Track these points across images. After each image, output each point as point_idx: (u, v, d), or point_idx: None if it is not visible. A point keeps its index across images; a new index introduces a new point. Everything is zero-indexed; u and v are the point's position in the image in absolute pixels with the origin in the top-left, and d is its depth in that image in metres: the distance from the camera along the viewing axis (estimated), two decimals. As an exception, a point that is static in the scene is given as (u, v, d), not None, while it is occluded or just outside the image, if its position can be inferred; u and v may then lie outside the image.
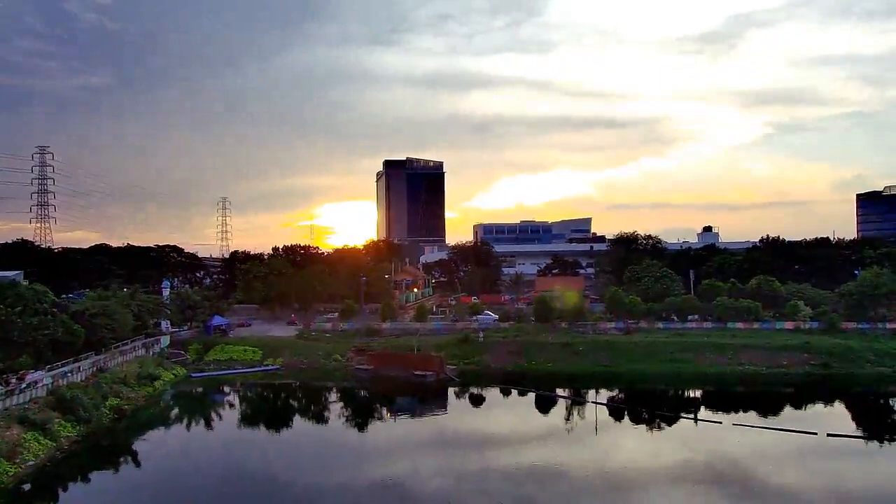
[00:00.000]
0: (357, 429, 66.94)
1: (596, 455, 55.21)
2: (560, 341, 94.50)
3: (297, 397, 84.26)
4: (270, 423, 69.83)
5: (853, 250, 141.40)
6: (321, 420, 72.32)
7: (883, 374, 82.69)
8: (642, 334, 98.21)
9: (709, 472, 49.82)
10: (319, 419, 72.92)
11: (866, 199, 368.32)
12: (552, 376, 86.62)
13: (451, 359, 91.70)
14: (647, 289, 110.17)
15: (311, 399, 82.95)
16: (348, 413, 73.67)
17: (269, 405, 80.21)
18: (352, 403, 78.76)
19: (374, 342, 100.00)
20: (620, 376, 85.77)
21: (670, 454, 54.76)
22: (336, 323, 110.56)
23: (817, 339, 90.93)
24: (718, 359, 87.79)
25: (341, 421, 70.34)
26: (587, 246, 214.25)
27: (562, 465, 51.63)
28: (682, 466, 51.25)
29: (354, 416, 71.67)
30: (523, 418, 70.21)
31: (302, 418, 75.30)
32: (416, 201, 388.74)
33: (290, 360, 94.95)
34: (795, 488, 46.22)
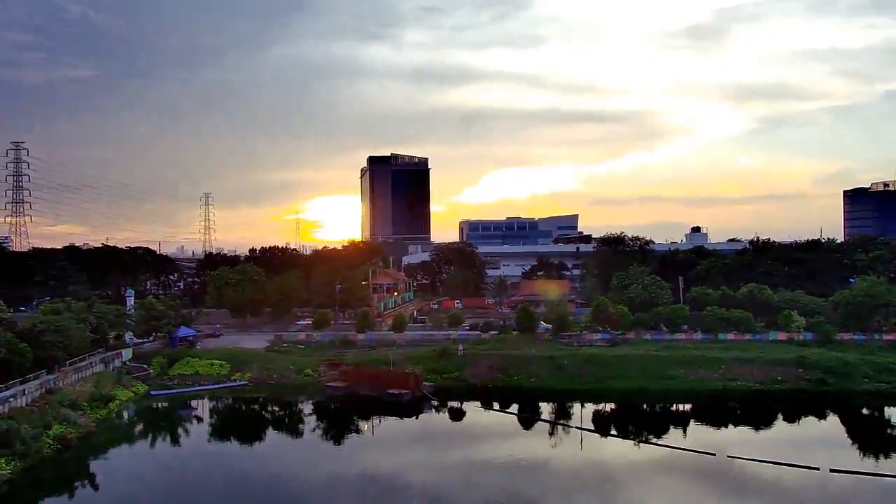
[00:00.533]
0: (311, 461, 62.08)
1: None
2: (544, 354, 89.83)
3: (262, 418, 78.96)
4: (223, 456, 64.61)
5: (844, 253, 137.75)
6: (278, 450, 67.21)
7: (881, 391, 78.64)
8: (630, 346, 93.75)
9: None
10: (277, 450, 67.56)
11: (853, 196, 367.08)
12: (535, 393, 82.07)
13: (428, 373, 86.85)
14: (634, 297, 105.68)
15: (274, 422, 77.72)
16: (306, 438, 68.77)
17: (229, 427, 74.77)
18: (313, 428, 73.51)
19: (348, 355, 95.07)
20: (607, 394, 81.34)
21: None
22: (310, 333, 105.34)
23: (812, 352, 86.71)
24: (709, 374, 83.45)
25: (299, 449, 65.46)
26: (573, 247, 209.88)
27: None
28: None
29: (313, 445, 66.78)
30: (500, 448, 65.40)
31: (260, 446, 69.31)
32: (401, 198, 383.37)
33: (258, 375, 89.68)
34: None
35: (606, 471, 55.30)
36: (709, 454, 56.63)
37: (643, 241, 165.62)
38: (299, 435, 70.32)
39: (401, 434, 70.49)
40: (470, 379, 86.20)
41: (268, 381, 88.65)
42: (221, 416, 79.43)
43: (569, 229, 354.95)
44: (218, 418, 78.21)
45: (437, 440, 67.37)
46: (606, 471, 55.30)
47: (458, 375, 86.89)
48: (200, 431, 72.37)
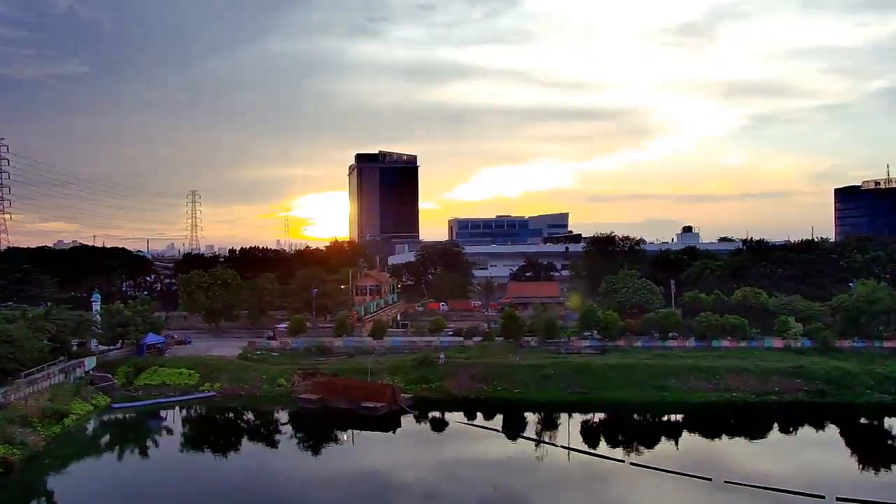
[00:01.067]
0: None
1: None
2: (529, 363, 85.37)
3: (228, 435, 73.86)
4: (183, 478, 59.84)
5: (840, 255, 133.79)
6: (236, 472, 62.31)
7: (884, 403, 74.55)
8: (619, 354, 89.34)
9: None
10: (235, 472, 62.49)
11: (844, 194, 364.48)
12: (519, 405, 77.62)
13: (407, 383, 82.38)
14: (624, 301, 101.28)
15: (239, 440, 72.62)
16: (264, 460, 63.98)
17: (191, 445, 69.68)
18: (279, 443, 68.83)
19: (324, 363, 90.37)
20: (596, 406, 76.96)
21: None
22: (285, 340, 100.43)
23: (811, 361, 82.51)
24: (703, 385, 79.11)
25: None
26: (563, 247, 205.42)
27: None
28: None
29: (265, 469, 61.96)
30: (477, 472, 60.77)
31: (218, 468, 64.07)
32: (389, 196, 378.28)
33: (228, 386, 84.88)
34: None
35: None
36: (705, 479, 52.19)
37: (633, 241, 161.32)
38: (261, 456, 65.22)
39: (368, 453, 65.56)
40: (451, 389, 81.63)
41: (238, 392, 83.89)
42: (184, 432, 74.32)
43: (559, 227, 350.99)
44: (180, 434, 73.04)
45: (406, 463, 62.50)
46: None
47: (438, 386, 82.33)
48: (160, 450, 67.27)
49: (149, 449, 67.42)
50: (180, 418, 77.96)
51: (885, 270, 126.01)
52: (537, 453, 61.41)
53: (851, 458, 61.98)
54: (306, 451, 65.91)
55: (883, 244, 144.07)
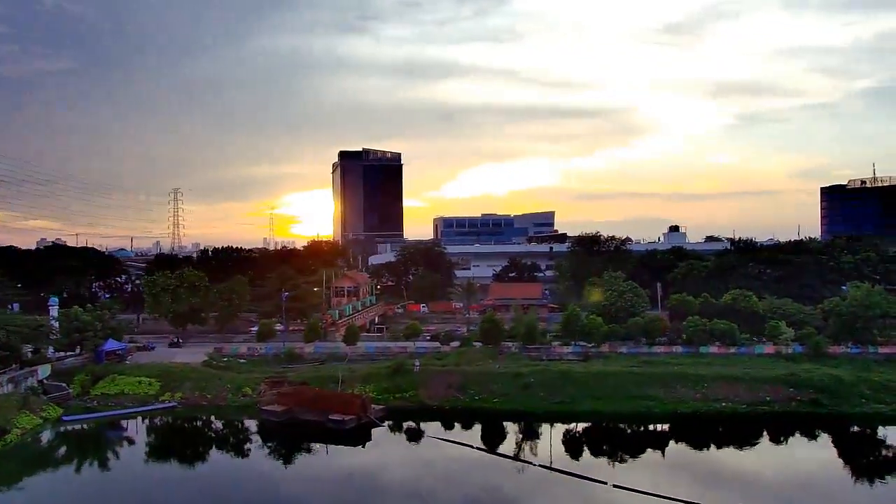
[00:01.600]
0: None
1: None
2: (508, 371, 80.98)
3: (180, 451, 68.86)
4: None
5: (830, 255, 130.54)
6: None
7: (881, 413, 70.63)
8: (603, 361, 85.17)
9: None
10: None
11: (831, 192, 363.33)
12: (498, 416, 73.32)
13: (379, 393, 77.82)
14: (609, 304, 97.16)
15: (191, 458, 67.67)
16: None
17: (135, 464, 64.60)
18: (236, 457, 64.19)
19: (293, 371, 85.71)
20: (577, 416, 72.77)
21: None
22: (253, 345, 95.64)
23: (803, 368, 78.60)
24: (690, 394, 74.92)
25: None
26: (547, 246, 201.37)
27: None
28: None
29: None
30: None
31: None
32: (373, 194, 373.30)
33: (190, 395, 79.98)
34: None
35: None
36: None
37: (619, 240, 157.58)
38: (213, 477, 60.41)
39: (331, 471, 61.04)
40: (426, 399, 77.17)
41: (200, 403, 79.03)
42: (137, 447, 69.19)
43: (545, 226, 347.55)
44: (130, 451, 67.78)
45: (371, 484, 57.97)
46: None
47: (412, 395, 77.77)
48: (108, 470, 62.41)
49: (99, 466, 62.55)
50: (137, 431, 73.05)
51: (875, 271, 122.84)
52: (514, 471, 57.13)
53: (849, 474, 58.28)
54: (263, 470, 61.13)
55: (872, 244, 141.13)
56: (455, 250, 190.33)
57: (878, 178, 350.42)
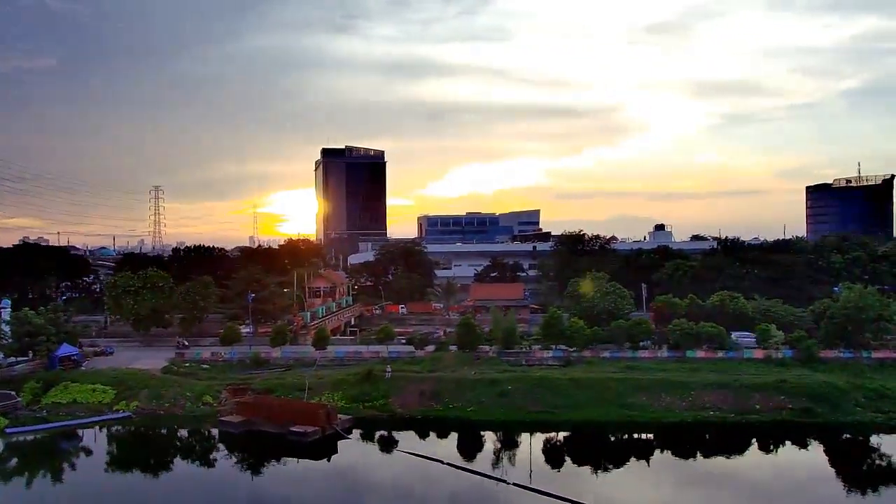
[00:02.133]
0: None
1: None
2: (485, 377, 76.59)
3: (126, 469, 63.91)
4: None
5: (818, 255, 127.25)
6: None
7: (876, 422, 66.73)
8: (585, 367, 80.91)
9: None
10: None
11: (816, 191, 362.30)
12: (473, 426, 69.04)
13: (349, 401, 73.32)
14: (591, 306, 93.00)
15: (142, 470, 62.83)
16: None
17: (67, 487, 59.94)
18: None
19: (258, 377, 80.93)
20: (557, 426, 68.59)
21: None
22: (216, 350, 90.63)
23: (795, 374, 74.76)
24: (676, 402, 70.78)
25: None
26: (530, 246, 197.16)
27: None
28: None
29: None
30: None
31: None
32: (356, 192, 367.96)
33: (146, 404, 74.93)
34: None
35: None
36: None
37: (603, 240, 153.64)
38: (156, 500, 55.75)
39: (290, 487, 56.42)
40: (397, 408, 72.71)
41: (157, 412, 74.04)
42: (76, 464, 64.05)
43: (530, 225, 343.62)
44: (70, 468, 62.64)
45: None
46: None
47: (383, 404, 73.25)
48: (43, 490, 57.46)
49: (36, 484, 57.52)
50: (85, 444, 68.10)
51: (864, 271, 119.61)
52: (486, 489, 52.73)
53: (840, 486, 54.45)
54: (212, 489, 56.44)
55: (860, 243, 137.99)
56: (435, 249, 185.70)
57: (863, 176, 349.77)
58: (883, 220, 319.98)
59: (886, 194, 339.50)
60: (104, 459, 64.59)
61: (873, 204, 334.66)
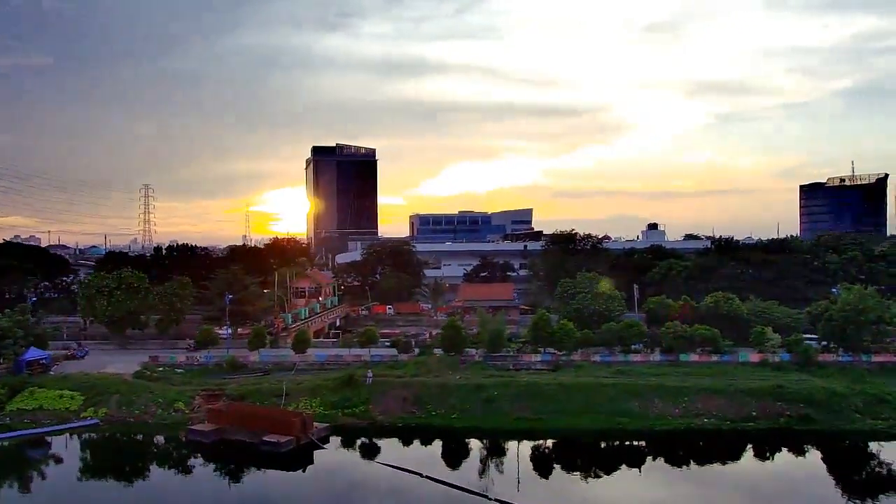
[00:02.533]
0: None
1: None
2: (470, 382, 73.37)
3: (83, 479, 60.45)
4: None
5: (814, 255, 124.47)
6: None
7: (877, 430, 63.87)
8: (574, 371, 77.82)
9: None
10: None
11: (810, 190, 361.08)
12: (455, 435, 65.91)
13: (327, 408, 70.10)
14: (582, 308, 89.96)
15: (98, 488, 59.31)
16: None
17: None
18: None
19: (234, 382, 77.54)
20: (544, 433, 65.50)
21: None
22: (192, 354, 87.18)
23: (792, 379, 71.87)
24: (670, 408, 67.77)
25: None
26: (521, 245, 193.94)
27: None
28: None
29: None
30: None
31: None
32: (347, 190, 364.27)
33: (115, 411, 71.47)
34: None
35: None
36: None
37: (595, 239, 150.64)
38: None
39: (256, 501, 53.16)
40: (377, 415, 69.46)
41: (126, 420, 70.58)
42: (31, 479, 60.57)
43: (523, 224, 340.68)
44: (17, 487, 58.96)
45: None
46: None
47: (363, 411, 69.95)
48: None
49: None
50: (56, 450, 64.78)
51: (861, 271, 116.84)
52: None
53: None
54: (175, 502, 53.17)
55: (856, 242, 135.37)
56: (424, 248, 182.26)
57: (857, 176, 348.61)
58: (876, 220, 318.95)
59: (880, 193, 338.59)
60: (61, 472, 61.00)
61: (867, 203, 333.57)
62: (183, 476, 58.99)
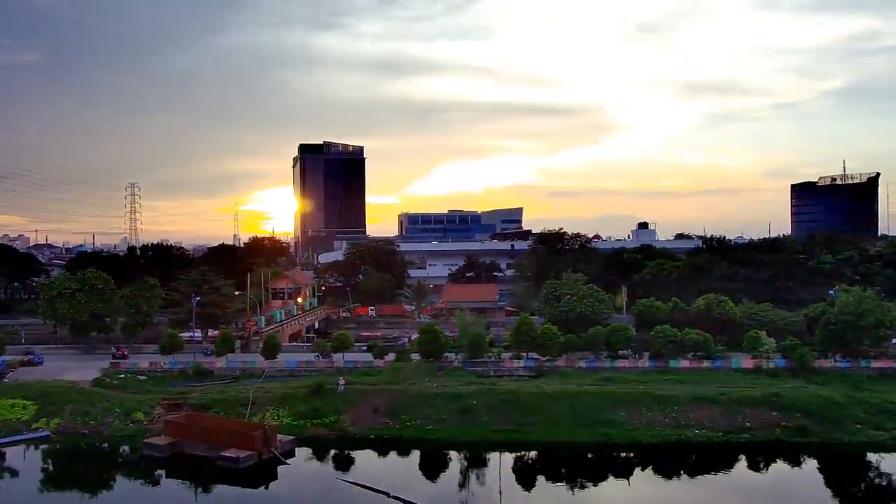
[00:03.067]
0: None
1: None
2: (448, 391, 69.07)
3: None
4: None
5: (809, 255, 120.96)
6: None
7: (878, 441, 60.07)
8: (559, 378, 73.68)
9: None
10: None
11: (801, 189, 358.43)
12: (430, 447, 61.73)
13: (296, 418, 65.73)
14: (567, 311, 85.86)
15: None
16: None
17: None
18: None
19: (198, 390, 73.03)
20: (525, 446, 61.42)
21: None
22: (154, 360, 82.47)
23: (788, 387, 67.95)
24: (659, 418, 63.70)
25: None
26: (508, 244, 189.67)
27: None
28: None
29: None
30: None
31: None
32: (334, 189, 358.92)
33: (69, 422, 66.91)
34: None
35: None
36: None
37: (584, 238, 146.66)
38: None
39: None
40: (349, 426, 65.14)
41: (81, 431, 66.03)
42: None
43: (513, 223, 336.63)
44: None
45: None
46: None
47: (333, 421, 65.61)
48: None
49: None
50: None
51: (856, 272, 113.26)
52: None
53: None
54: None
55: (851, 242, 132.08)
56: (409, 248, 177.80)
57: (848, 175, 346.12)
58: (867, 219, 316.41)
59: (871, 193, 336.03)
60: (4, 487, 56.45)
61: (858, 202, 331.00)
62: (133, 495, 54.54)
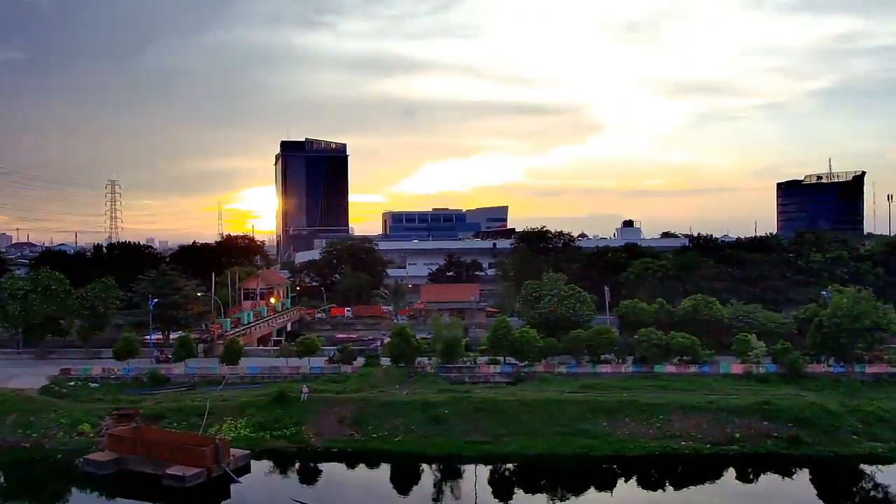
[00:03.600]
0: None
1: None
2: (419, 398, 64.69)
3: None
4: None
5: (798, 253, 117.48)
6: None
7: (876, 453, 56.20)
8: (538, 384, 69.40)
9: None
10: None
11: (787, 188, 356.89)
12: (397, 461, 57.35)
13: (254, 429, 61.03)
14: (547, 313, 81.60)
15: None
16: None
17: None
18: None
19: (153, 399, 68.14)
20: (501, 458, 57.15)
21: None
22: (108, 366, 77.37)
23: (779, 394, 64.01)
24: (643, 429, 59.58)
25: None
26: (490, 243, 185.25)
27: None
28: None
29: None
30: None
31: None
32: (317, 187, 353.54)
33: (10, 434, 61.82)
34: None
35: None
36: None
37: (568, 237, 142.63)
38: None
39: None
40: (311, 438, 60.55)
41: (21, 445, 60.96)
42: None
43: (498, 221, 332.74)
44: None
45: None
46: None
47: (294, 433, 60.97)
48: None
49: None
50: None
51: (846, 271, 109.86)
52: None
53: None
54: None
55: (839, 240, 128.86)
56: (388, 247, 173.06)
57: (834, 173, 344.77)
58: (853, 217, 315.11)
59: (857, 191, 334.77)
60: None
61: (844, 201, 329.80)
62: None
